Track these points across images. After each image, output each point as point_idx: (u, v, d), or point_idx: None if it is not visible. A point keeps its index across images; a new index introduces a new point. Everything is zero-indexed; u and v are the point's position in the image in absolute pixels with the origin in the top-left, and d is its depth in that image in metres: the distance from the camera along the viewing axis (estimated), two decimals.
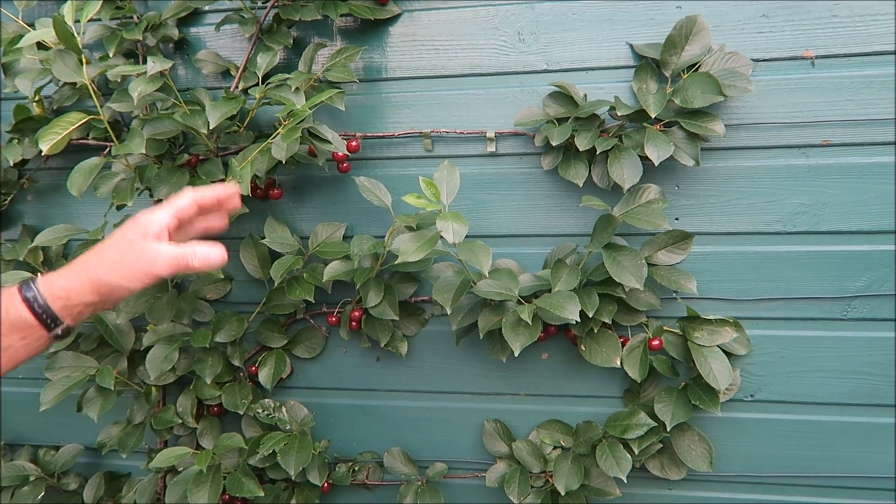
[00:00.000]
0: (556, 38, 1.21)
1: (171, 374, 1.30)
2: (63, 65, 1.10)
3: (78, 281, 0.75)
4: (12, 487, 1.36)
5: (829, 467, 1.22)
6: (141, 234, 0.76)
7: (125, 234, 0.77)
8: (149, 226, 0.77)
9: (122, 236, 0.77)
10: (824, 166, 1.15)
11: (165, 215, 0.79)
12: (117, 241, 0.77)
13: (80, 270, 0.76)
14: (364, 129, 1.28)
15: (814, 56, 1.14)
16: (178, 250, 0.77)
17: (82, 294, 0.75)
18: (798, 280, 1.19)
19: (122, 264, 0.76)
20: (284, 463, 1.19)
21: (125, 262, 0.76)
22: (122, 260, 0.76)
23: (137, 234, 0.77)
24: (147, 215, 0.78)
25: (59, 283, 0.75)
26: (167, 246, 0.77)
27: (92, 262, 0.76)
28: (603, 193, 1.20)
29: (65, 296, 0.75)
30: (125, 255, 0.76)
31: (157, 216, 0.78)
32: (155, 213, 0.78)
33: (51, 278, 0.76)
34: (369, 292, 1.20)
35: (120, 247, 0.76)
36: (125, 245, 0.76)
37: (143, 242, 0.76)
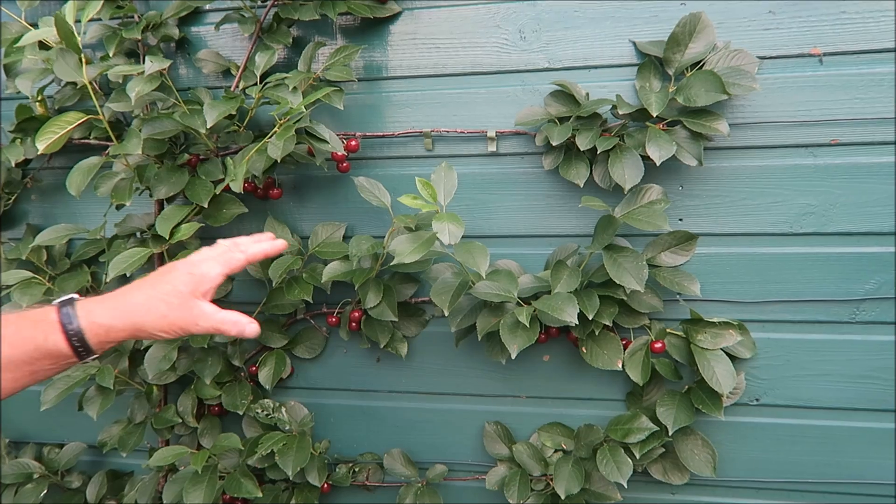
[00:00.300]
0: (558, 36, 1.19)
1: (172, 374, 1.30)
2: (64, 64, 1.10)
3: (120, 322, 0.75)
4: (16, 485, 1.37)
5: (836, 473, 1.20)
6: (192, 291, 0.77)
7: (177, 287, 0.77)
8: (201, 282, 0.78)
9: (175, 289, 0.77)
10: (832, 166, 1.13)
11: (218, 273, 0.79)
12: (168, 294, 0.76)
13: (123, 312, 0.75)
14: (364, 128, 1.27)
15: (822, 53, 1.11)
16: (220, 316, 0.78)
17: (120, 334, 0.75)
18: (805, 282, 1.16)
19: (167, 318, 0.76)
20: (282, 463, 1.19)
21: (171, 317, 0.76)
22: (169, 314, 0.76)
23: (189, 289, 0.77)
24: (201, 268, 0.79)
25: (99, 317, 0.74)
26: (211, 307, 0.78)
27: (140, 308, 0.75)
28: (605, 194, 1.18)
29: (104, 332, 0.74)
30: (173, 310, 0.76)
31: (211, 272, 0.79)
32: (208, 269, 0.79)
33: (92, 310, 0.74)
34: (368, 293, 1.19)
35: (171, 301, 0.76)
36: (175, 300, 0.76)
37: (192, 300, 0.77)
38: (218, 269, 0.79)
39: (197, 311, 0.77)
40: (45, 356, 0.72)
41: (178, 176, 1.21)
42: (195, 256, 0.81)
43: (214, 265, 0.79)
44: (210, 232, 1.34)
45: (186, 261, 0.80)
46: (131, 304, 0.76)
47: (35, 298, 1.19)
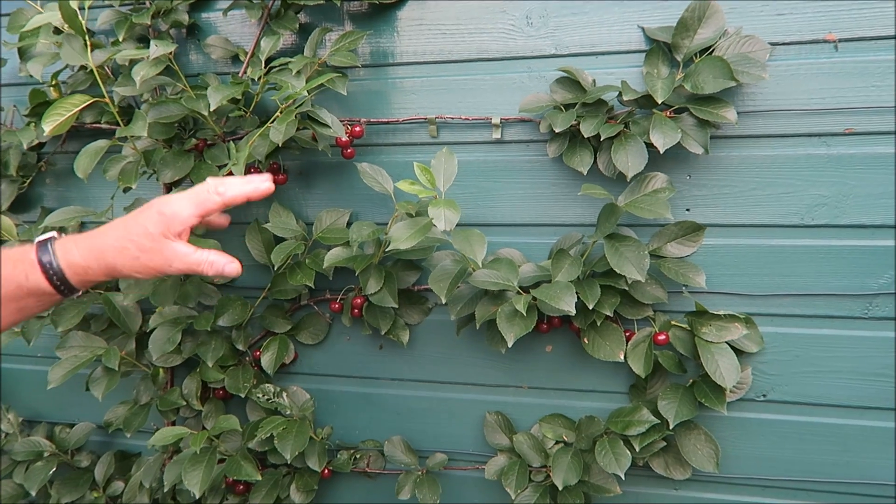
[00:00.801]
0: (566, 22, 1.17)
1: (177, 357, 1.31)
2: (71, 49, 1.12)
3: (94, 262, 0.76)
4: (27, 462, 1.39)
5: (845, 473, 1.16)
6: (162, 232, 0.76)
7: (147, 228, 0.76)
8: (172, 222, 0.76)
9: (145, 230, 0.76)
10: (846, 156, 1.09)
11: (191, 214, 0.77)
12: (139, 236, 0.76)
13: (98, 253, 0.76)
14: (370, 114, 1.27)
15: (837, 39, 1.07)
16: (196, 257, 0.78)
17: (97, 274, 0.76)
18: (816, 276, 1.13)
19: (139, 260, 0.75)
20: (281, 447, 1.19)
21: (143, 258, 0.76)
22: (141, 256, 0.75)
23: (159, 230, 0.76)
24: (171, 206, 0.76)
25: (76, 256, 0.75)
26: (185, 247, 0.77)
27: (110, 252, 0.76)
28: (610, 182, 1.16)
29: (82, 272, 0.76)
30: (144, 252, 0.76)
31: (183, 213, 0.77)
32: (180, 208, 0.77)
33: (68, 249, 0.75)
34: (369, 279, 1.19)
35: (141, 243, 0.75)
36: (146, 241, 0.76)
37: (162, 241, 0.76)
38: (190, 210, 0.77)
39: (169, 251, 0.76)
40: (28, 294, 0.75)
41: (184, 160, 1.22)
42: (170, 195, 0.79)
43: (187, 204, 0.77)
44: None
45: (159, 199, 0.78)
46: (104, 244, 0.76)
47: None
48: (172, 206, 0.77)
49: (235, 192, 0.80)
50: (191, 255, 0.77)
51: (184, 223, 0.77)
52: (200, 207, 0.78)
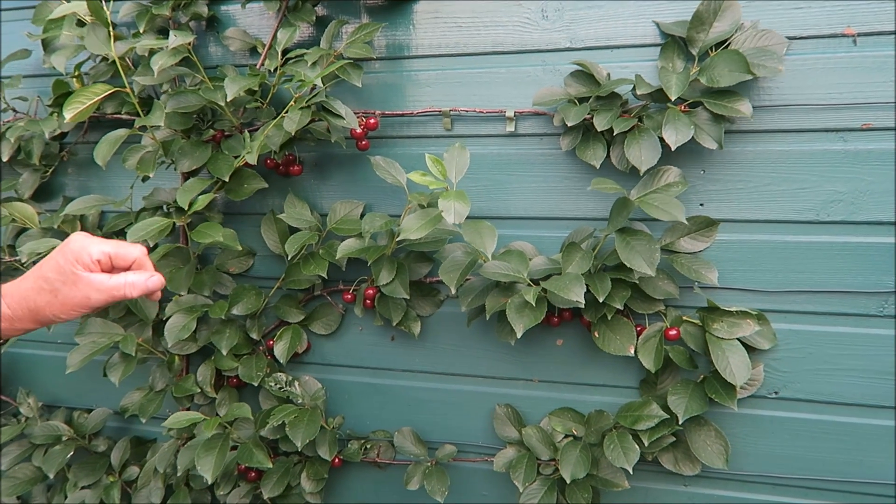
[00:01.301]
0: (581, 15, 1.17)
1: (193, 344, 1.33)
2: (94, 38, 1.14)
3: (20, 309, 0.76)
4: (45, 446, 1.42)
5: (858, 472, 1.15)
6: (71, 264, 0.75)
7: (58, 263, 0.76)
8: (79, 255, 0.75)
9: (56, 265, 0.76)
10: (864, 151, 1.08)
11: (97, 250, 0.77)
12: (51, 270, 0.76)
13: (19, 298, 0.76)
14: (385, 106, 1.28)
15: (856, 34, 1.06)
16: (113, 282, 0.76)
17: (25, 321, 0.77)
18: (831, 273, 1.12)
19: (57, 297, 0.75)
20: (292, 434, 1.21)
21: (60, 295, 0.75)
22: (58, 293, 0.75)
23: (69, 261, 0.75)
24: (78, 240, 0.77)
25: (3, 307, 0.76)
26: (99, 277, 0.76)
27: (30, 294, 0.76)
28: (622, 176, 1.16)
29: (8, 323, 0.77)
30: (60, 289, 0.75)
31: (90, 248, 0.76)
32: (88, 241, 0.77)
33: (6, 294, 0.77)
34: (381, 270, 1.19)
35: (54, 278, 0.75)
36: (58, 276, 0.75)
37: (75, 274, 0.75)
38: (100, 247, 0.77)
39: (83, 283, 0.75)
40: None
41: (201, 150, 1.24)
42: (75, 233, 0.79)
43: (97, 242, 0.77)
44: (234, 207, 1.37)
45: (72, 237, 0.78)
46: (25, 288, 0.76)
47: None
48: (79, 240, 0.77)
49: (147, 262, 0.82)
50: (107, 282, 0.76)
51: (90, 254, 0.76)
52: (113, 246, 0.78)
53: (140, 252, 0.80)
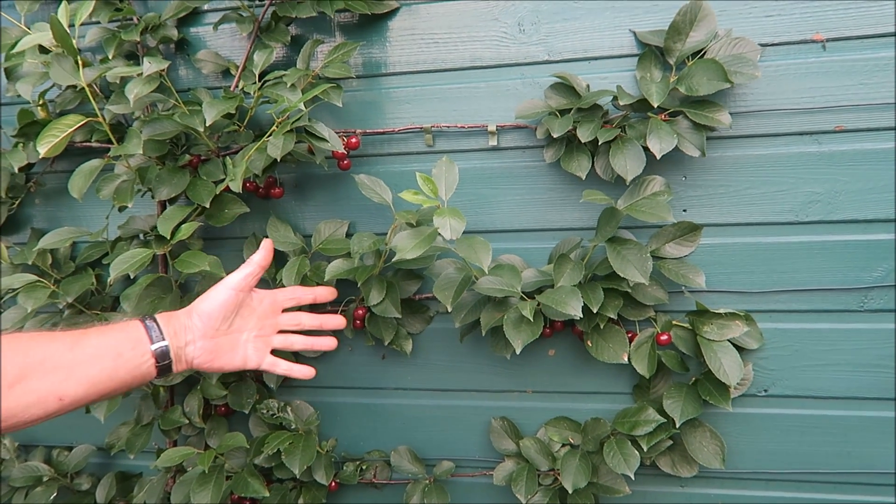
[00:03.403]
0: (557, 28, 1.18)
1: (178, 375, 1.30)
2: (60, 68, 1.10)
3: (198, 360, 0.97)
4: (26, 488, 1.37)
5: (847, 464, 1.19)
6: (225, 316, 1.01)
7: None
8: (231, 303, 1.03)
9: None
10: (837, 153, 1.11)
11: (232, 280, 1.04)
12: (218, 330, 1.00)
13: (202, 352, 0.97)
14: (365, 125, 1.27)
15: (825, 39, 1.10)
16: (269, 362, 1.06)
17: (185, 371, 0.97)
18: (812, 271, 1.15)
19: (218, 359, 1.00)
20: (289, 462, 1.19)
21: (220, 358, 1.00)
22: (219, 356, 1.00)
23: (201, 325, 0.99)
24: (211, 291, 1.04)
25: (185, 354, 0.95)
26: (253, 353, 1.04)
27: (197, 355, 0.97)
28: (607, 186, 1.17)
29: (183, 368, 0.95)
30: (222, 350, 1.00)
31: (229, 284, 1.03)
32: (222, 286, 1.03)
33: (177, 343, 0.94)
34: (371, 290, 1.19)
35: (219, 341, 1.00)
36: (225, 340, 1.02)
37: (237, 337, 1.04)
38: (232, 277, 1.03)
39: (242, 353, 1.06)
40: (135, 378, 0.87)
41: (179, 177, 1.21)
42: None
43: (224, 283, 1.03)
44: (213, 232, 1.35)
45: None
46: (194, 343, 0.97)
47: (40, 301, 1.19)
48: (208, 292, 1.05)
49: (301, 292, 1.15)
50: (263, 361, 1.09)
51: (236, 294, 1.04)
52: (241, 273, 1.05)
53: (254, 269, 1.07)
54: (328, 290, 1.14)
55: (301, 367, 1.08)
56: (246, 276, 1.01)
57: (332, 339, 1.11)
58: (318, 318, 1.10)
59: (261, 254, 1.04)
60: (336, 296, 1.05)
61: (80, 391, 0.80)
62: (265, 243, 1.05)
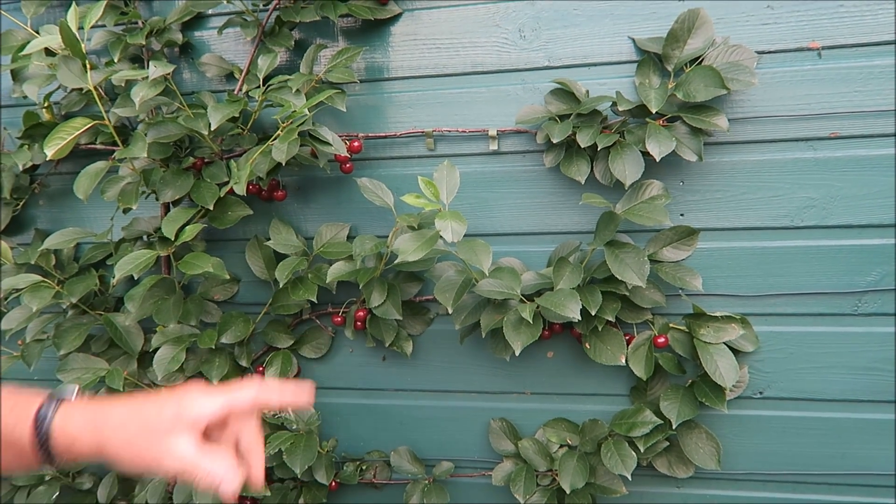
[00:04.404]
0: (558, 35, 1.20)
1: (180, 375, 1.31)
2: (68, 71, 1.11)
3: (88, 434, 0.66)
4: (28, 487, 1.38)
5: (842, 465, 1.20)
6: (173, 418, 0.65)
7: (162, 409, 0.66)
8: (185, 410, 0.65)
9: (158, 411, 0.66)
10: (832, 159, 1.13)
11: (214, 407, 0.66)
12: (149, 415, 0.66)
13: (95, 426, 0.66)
14: (367, 129, 1.28)
15: (820, 47, 1.12)
16: (192, 460, 0.64)
17: (83, 448, 0.66)
18: (807, 275, 1.17)
19: (133, 444, 0.65)
20: (290, 462, 1.20)
21: (136, 444, 0.65)
22: (136, 440, 0.65)
23: (170, 415, 0.65)
24: (197, 399, 0.66)
25: (71, 425, 0.66)
26: (187, 446, 0.64)
27: (110, 424, 0.66)
28: (606, 190, 1.19)
29: (69, 443, 0.66)
30: (141, 435, 0.65)
31: (207, 407, 0.66)
32: (207, 402, 0.66)
33: (71, 416, 0.66)
34: (373, 292, 1.20)
35: (146, 423, 0.65)
36: (152, 424, 0.65)
37: (168, 431, 0.64)
38: (217, 402, 0.67)
39: (167, 446, 0.64)
40: (9, 444, 0.67)
41: (183, 179, 1.22)
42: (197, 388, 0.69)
43: (216, 398, 0.67)
44: (216, 234, 1.36)
45: (193, 390, 0.68)
46: (106, 417, 0.67)
47: (45, 301, 1.20)
48: (201, 391, 0.67)
49: (272, 393, 0.71)
50: (188, 457, 0.64)
51: (202, 415, 0.65)
52: (230, 398, 0.68)
53: (254, 391, 0.69)
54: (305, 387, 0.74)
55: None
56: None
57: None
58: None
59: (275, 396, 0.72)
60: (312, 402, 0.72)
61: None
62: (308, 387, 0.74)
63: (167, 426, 0.64)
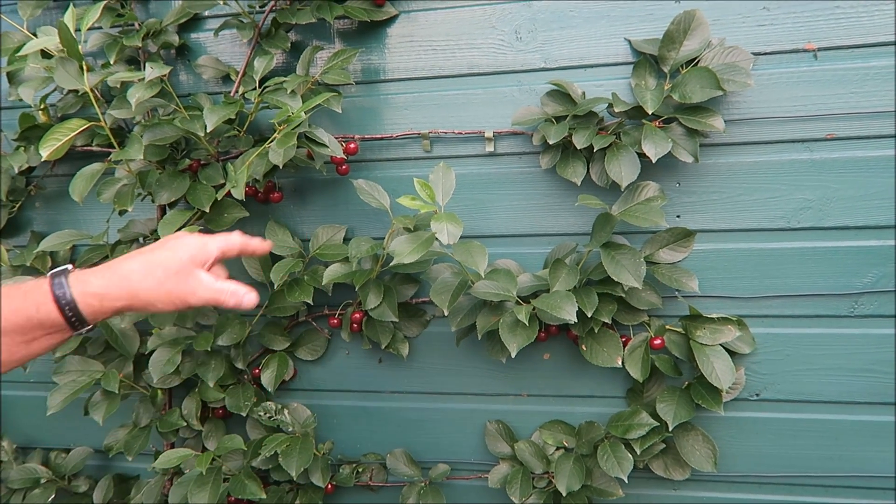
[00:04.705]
0: (554, 36, 1.20)
1: (176, 378, 1.31)
2: (65, 72, 1.11)
3: (116, 287, 0.74)
4: (24, 489, 1.38)
5: (838, 467, 1.20)
6: (190, 258, 0.77)
7: (177, 252, 0.77)
8: (200, 252, 0.78)
9: (174, 255, 0.77)
10: (829, 160, 1.13)
11: (216, 246, 0.80)
12: (167, 258, 0.76)
13: (120, 277, 0.75)
14: (363, 130, 1.28)
15: (816, 48, 1.12)
16: (218, 286, 0.78)
17: (115, 301, 0.75)
18: (803, 277, 1.17)
19: (164, 285, 0.75)
20: (286, 464, 1.20)
21: (168, 284, 0.75)
22: (166, 281, 0.75)
23: (187, 255, 0.77)
24: (201, 238, 0.79)
25: (94, 284, 0.74)
26: (209, 278, 0.78)
27: (136, 274, 0.75)
28: (602, 192, 1.19)
29: (97, 302, 0.74)
30: (170, 277, 0.76)
31: (210, 245, 0.79)
32: (210, 241, 0.79)
33: (86, 278, 0.74)
34: (369, 294, 1.20)
35: (169, 265, 0.76)
36: (175, 265, 0.76)
37: (190, 268, 0.77)
38: (216, 243, 0.80)
39: (194, 280, 0.76)
40: (37, 326, 0.72)
41: (179, 181, 1.22)
42: (188, 233, 0.82)
43: (214, 239, 0.80)
44: None
45: (185, 232, 0.81)
46: (127, 269, 0.75)
47: None
48: (201, 237, 0.79)
49: (251, 242, 0.86)
50: (214, 284, 0.77)
51: (210, 253, 0.79)
52: (223, 241, 0.81)
53: (237, 236, 0.84)
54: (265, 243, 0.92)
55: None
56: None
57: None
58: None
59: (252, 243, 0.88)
60: (271, 248, 0.91)
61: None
62: (268, 244, 0.92)
63: (188, 266, 0.76)
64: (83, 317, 0.74)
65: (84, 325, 0.74)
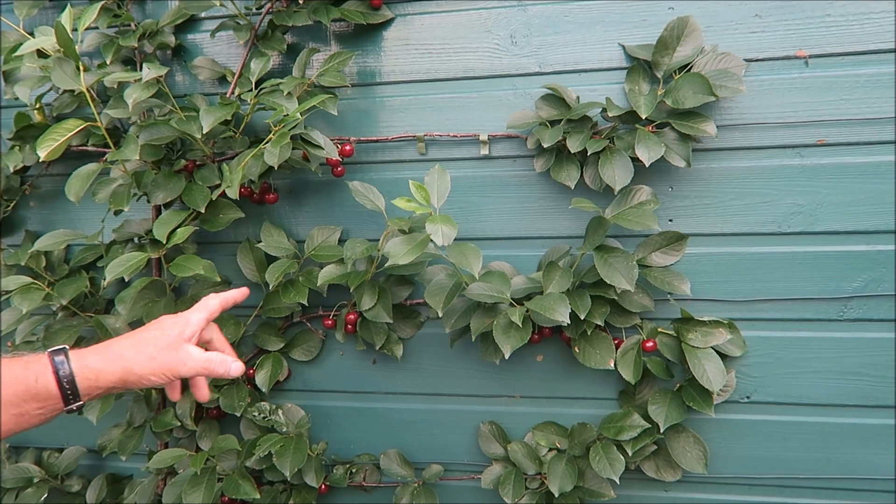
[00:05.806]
0: (549, 41, 1.21)
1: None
2: (61, 72, 1.11)
3: (111, 364, 0.79)
4: (16, 489, 1.38)
5: (827, 469, 1.21)
6: (178, 334, 0.83)
7: (165, 331, 0.83)
8: (187, 326, 0.84)
9: (163, 333, 0.83)
10: (819, 166, 1.15)
11: (200, 318, 0.86)
12: (157, 336, 0.82)
13: (115, 355, 0.80)
14: (359, 132, 1.29)
15: (807, 55, 1.13)
16: (206, 356, 0.84)
17: (111, 379, 0.79)
18: (794, 281, 1.18)
19: (156, 360, 0.80)
20: (280, 464, 1.20)
21: (160, 357, 0.81)
22: (157, 355, 0.80)
23: (175, 332, 0.83)
24: (183, 315, 0.86)
25: (92, 360, 0.78)
26: (197, 350, 0.84)
27: (128, 351, 0.80)
28: (596, 195, 1.20)
29: (94, 377, 0.78)
30: (161, 351, 0.81)
31: (194, 319, 0.85)
32: (192, 316, 0.85)
33: (84, 355, 0.79)
34: (363, 296, 1.20)
35: (159, 342, 0.81)
36: (164, 341, 0.82)
37: (179, 342, 0.82)
38: (200, 315, 0.86)
39: (183, 353, 0.82)
40: (33, 398, 0.75)
41: (175, 182, 1.23)
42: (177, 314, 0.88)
43: (197, 313, 0.86)
44: (207, 237, 1.36)
45: (169, 315, 0.86)
46: (120, 347, 0.81)
47: (34, 304, 1.20)
48: (184, 314, 0.86)
49: (227, 297, 0.92)
50: (202, 355, 0.83)
51: (195, 325, 0.85)
52: (205, 310, 0.87)
53: (214, 299, 0.90)
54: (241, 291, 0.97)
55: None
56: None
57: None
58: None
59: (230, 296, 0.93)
60: (247, 295, 0.96)
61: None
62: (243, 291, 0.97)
63: (176, 341, 0.82)
64: (78, 391, 0.77)
65: (77, 399, 0.78)
